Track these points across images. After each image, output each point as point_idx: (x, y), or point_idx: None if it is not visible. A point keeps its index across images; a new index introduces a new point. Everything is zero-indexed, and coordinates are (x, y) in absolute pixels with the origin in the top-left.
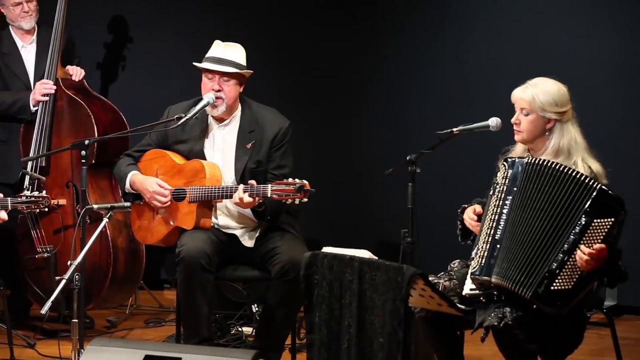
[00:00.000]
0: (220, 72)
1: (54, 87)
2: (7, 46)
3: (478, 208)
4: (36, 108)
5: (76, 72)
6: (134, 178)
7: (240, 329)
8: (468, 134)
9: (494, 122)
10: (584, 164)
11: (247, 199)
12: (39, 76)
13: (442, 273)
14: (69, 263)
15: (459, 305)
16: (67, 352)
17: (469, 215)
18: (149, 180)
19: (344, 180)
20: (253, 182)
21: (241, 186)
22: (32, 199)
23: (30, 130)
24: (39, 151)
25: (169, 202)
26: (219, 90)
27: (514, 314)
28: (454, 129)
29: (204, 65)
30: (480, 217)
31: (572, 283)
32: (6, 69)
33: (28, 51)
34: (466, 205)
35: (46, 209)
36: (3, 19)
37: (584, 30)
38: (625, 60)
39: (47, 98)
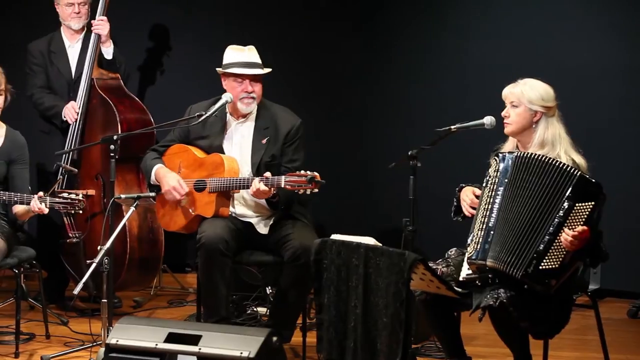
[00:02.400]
0: (252, 75)
1: (77, 115)
2: (56, 45)
3: (478, 191)
4: (66, 118)
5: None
6: (158, 171)
7: (255, 309)
8: (465, 131)
9: (488, 120)
10: (567, 155)
11: (262, 187)
12: (77, 75)
13: (440, 260)
14: (99, 248)
15: (456, 289)
16: (97, 329)
17: (468, 196)
18: (171, 175)
19: (351, 173)
20: (268, 174)
21: (257, 178)
22: (69, 200)
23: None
24: (72, 145)
25: (183, 198)
26: (251, 92)
27: (507, 293)
28: (452, 127)
29: (235, 70)
30: (478, 198)
31: (558, 262)
32: (52, 67)
33: (74, 50)
34: (464, 185)
35: (80, 212)
36: (57, 20)
37: (578, 34)
38: (618, 63)
39: (69, 120)
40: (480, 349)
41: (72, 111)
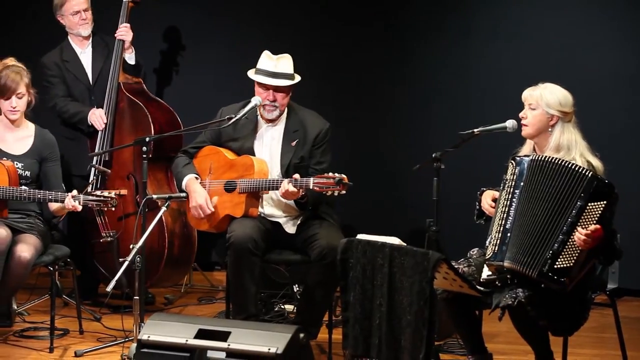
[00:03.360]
0: (275, 86)
1: (104, 123)
2: (68, 54)
3: (497, 194)
4: (93, 124)
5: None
6: (189, 183)
7: (283, 306)
8: (487, 134)
9: (510, 123)
10: (583, 158)
11: (291, 189)
12: (96, 76)
13: (462, 259)
14: (131, 246)
15: (478, 287)
16: (129, 325)
17: (487, 201)
18: (200, 193)
19: (377, 174)
20: (297, 175)
21: (286, 180)
22: (103, 198)
23: (97, 130)
24: (103, 147)
25: (204, 217)
26: (273, 101)
27: (525, 293)
28: (475, 130)
29: (260, 79)
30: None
31: (572, 261)
32: (69, 74)
33: (86, 56)
34: (485, 189)
35: (113, 209)
36: (62, 31)
37: (595, 40)
38: (635, 69)
39: (97, 127)
40: (501, 346)
41: (99, 119)
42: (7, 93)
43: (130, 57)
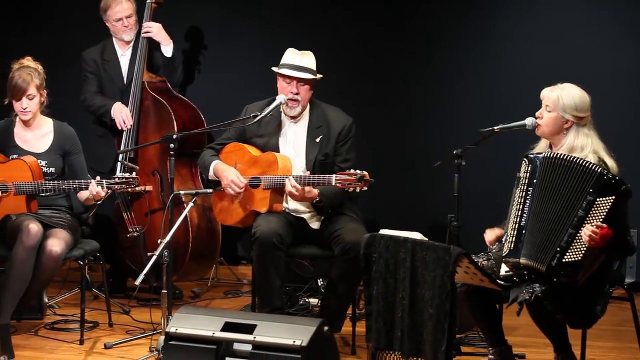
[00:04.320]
0: (299, 78)
1: (129, 124)
2: (109, 54)
3: (498, 232)
4: (115, 119)
5: (153, 27)
6: (217, 167)
7: (307, 300)
8: (507, 132)
9: (530, 121)
10: (596, 156)
11: (289, 188)
12: (128, 81)
13: (482, 254)
14: (159, 241)
15: (499, 282)
16: (157, 318)
17: (488, 237)
18: (230, 170)
19: (399, 171)
20: (308, 172)
21: (290, 178)
22: (125, 179)
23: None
24: (129, 145)
25: (242, 192)
26: (297, 94)
27: (542, 288)
28: (495, 128)
29: (285, 71)
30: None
31: (581, 255)
32: (105, 75)
33: (126, 59)
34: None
35: (137, 189)
36: (109, 30)
37: (610, 40)
38: None
39: (118, 125)
40: (521, 339)
41: (126, 118)
42: (18, 94)
43: (166, 50)
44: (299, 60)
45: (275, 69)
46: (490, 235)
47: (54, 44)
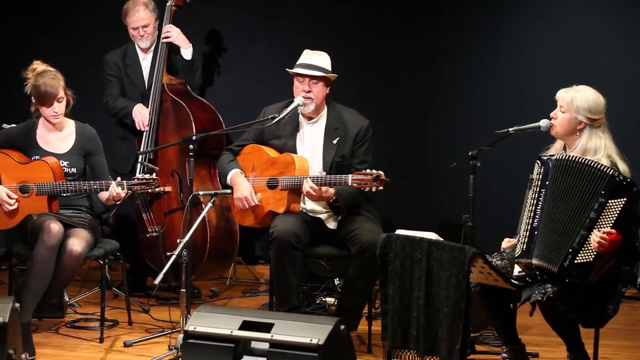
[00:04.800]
0: (310, 75)
1: (146, 125)
2: (130, 57)
3: (513, 241)
4: (135, 119)
5: (172, 31)
6: (234, 177)
7: (324, 299)
8: (522, 133)
9: (544, 123)
10: (608, 159)
11: (307, 189)
12: (149, 84)
13: (495, 253)
14: (178, 241)
15: (512, 281)
16: (176, 317)
17: (503, 244)
18: (245, 185)
19: (415, 172)
20: (324, 173)
21: (307, 178)
22: (145, 180)
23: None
24: (148, 146)
25: (249, 208)
26: (309, 92)
27: (554, 288)
28: (510, 129)
29: (296, 70)
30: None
31: (593, 256)
32: (127, 78)
33: (147, 62)
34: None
35: (157, 189)
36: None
37: (629, 43)
38: None
39: (137, 123)
40: (535, 337)
41: (142, 119)
42: (50, 100)
43: (186, 53)
44: (310, 59)
45: (288, 69)
46: (505, 244)
47: (75, 46)
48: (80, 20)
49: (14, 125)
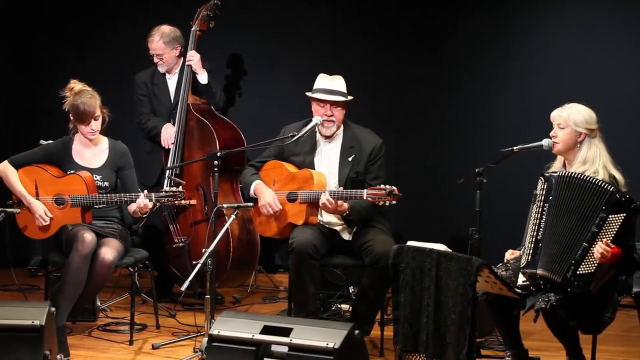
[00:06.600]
0: (332, 101)
1: (170, 143)
2: (158, 78)
3: (516, 253)
4: (163, 137)
5: (194, 58)
6: (257, 187)
7: (339, 306)
8: (525, 152)
9: (546, 142)
10: (605, 170)
11: (323, 200)
12: (175, 102)
13: (500, 264)
14: (203, 250)
15: (517, 290)
16: (200, 321)
17: (507, 256)
18: (268, 192)
19: (425, 187)
20: (340, 188)
21: (326, 192)
22: (172, 192)
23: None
24: (174, 162)
25: (274, 214)
26: (331, 116)
27: (557, 297)
28: (514, 148)
29: (318, 96)
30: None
31: (594, 267)
32: (154, 97)
33: (172, 82)
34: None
35: (183, 201)
36: None
37: (630, 64)
38: None
39: (162, 142)
40: (536, 343)
41: (167, 137)
42: (88, 119)
43: (202, 78)
44: (329, 83)
45: (309, 94)
46: (509, 255)
47: (105, 66)
48: (111, 40)
49: (51, 141)
